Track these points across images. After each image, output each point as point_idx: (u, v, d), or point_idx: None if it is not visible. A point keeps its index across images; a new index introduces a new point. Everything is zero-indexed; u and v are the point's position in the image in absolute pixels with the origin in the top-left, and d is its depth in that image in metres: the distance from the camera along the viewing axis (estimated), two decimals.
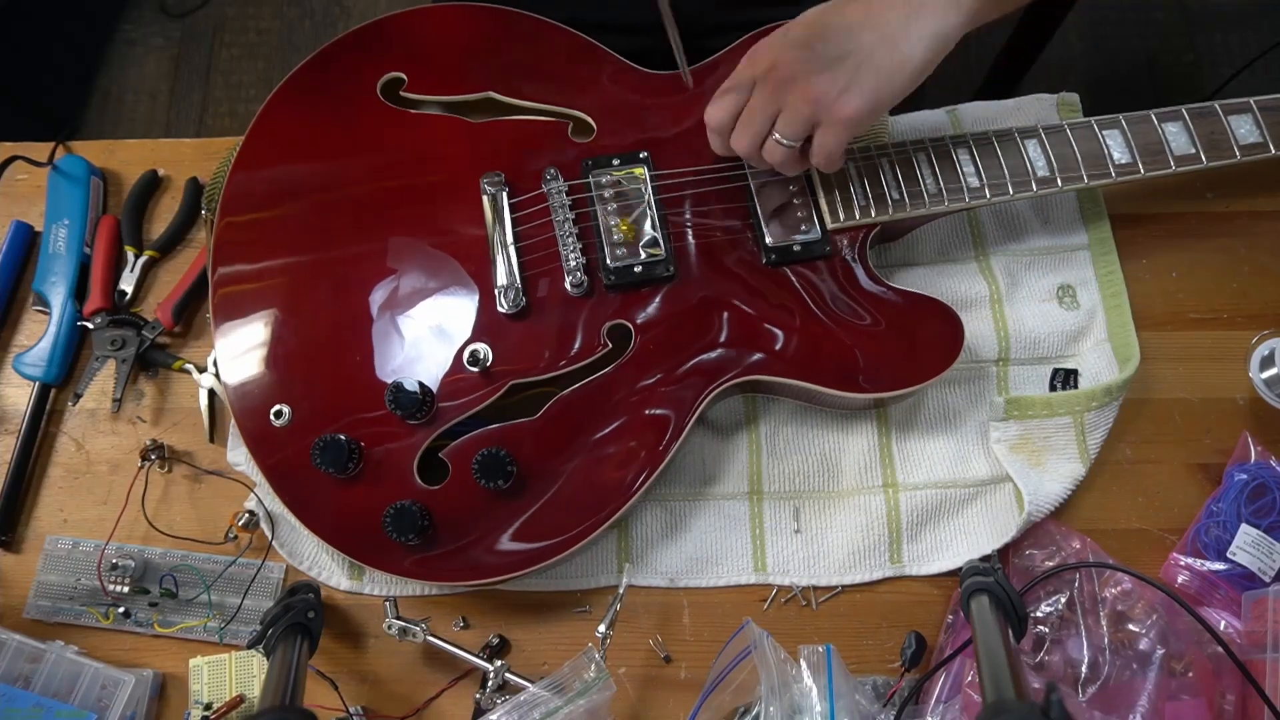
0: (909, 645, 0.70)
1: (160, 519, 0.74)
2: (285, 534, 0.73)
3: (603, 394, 0.70)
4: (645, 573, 0.73)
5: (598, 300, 0.72)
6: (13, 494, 0.75)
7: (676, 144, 0.76)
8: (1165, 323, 0.80)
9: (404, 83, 0.78)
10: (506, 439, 0.68)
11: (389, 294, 0.72)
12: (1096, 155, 0.75)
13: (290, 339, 0.71)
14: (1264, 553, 0.70)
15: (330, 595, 0.73)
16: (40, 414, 0.77)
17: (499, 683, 0.67)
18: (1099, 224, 0.82)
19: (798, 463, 0.75)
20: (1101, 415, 0.74)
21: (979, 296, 0.79)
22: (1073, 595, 0.69)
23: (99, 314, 0.79)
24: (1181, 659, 0.67)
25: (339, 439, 0.67)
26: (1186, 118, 0.76)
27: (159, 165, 0.86)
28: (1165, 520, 0.74)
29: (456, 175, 0.75)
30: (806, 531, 0.74)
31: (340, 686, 0.68)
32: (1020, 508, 0.71)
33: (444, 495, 0.68)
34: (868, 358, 0.70)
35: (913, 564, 0.73)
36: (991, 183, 0.74)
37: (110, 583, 0.72)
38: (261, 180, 0.76)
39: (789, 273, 0.72)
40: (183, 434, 0.77)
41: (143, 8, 1.97)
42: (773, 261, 0.72)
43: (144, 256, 0.82)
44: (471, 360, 0.70)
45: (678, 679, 0.71)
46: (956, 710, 0.65)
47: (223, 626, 0.71)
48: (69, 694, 0.68)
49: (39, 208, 0.83)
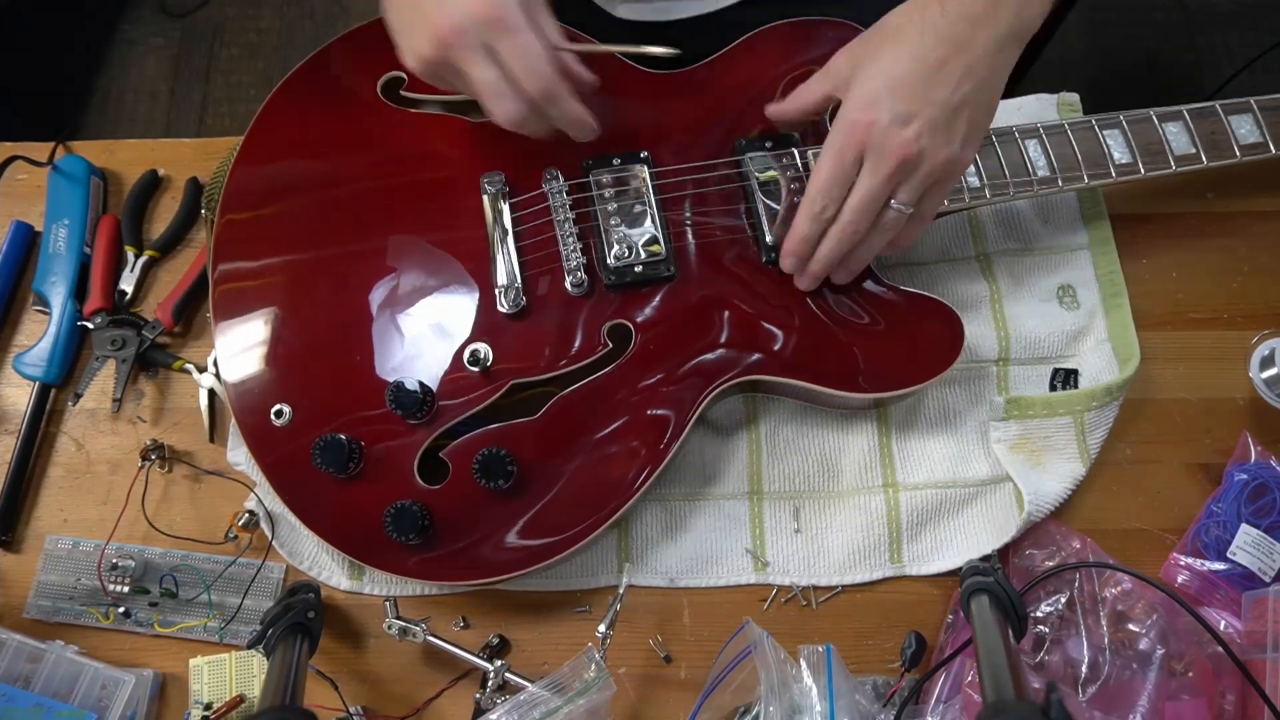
0: (909, 645, 0.70)
1: (160, 519, 0.74)
2: (285, 534, 0.73)
3: (603, 394, 0.70)
4: (645, 573, 0.73)
5: (598, 300, 0.72)
6: (13, 494, 0.75)
7: (677, 143, 0.76)
8: (1165, 323, 0.80)
9: (404, 82, 0.77)
10: (507, 439, 0.68)
11: (389, 293, 0.72)
12: (1097, 155, 0.75)
13: (290, 338, 0.71)
14: (1264, 553, 0.70)
15: (330, 595, 0.73)
16: (40, 414, 0.77)
17: (499, 683, 0.67)
18: (1099, 224, 0.82)
19: (798, 463, 0.75)
20: (1101, 415, 0.74)
21: (979, 296, 0.79)
22: (1073, 595, 0.69)
23: (99, 314, 0.79)
24: (1181, 659, 0.67)
25: (339, 438, 0.67)
26: (1187, 117, 0.76)
27: (159, 165, 0.86)
28: (1165, 520, 0.74)
29: (457, 175, 0.75)
30: (806, 531, 0.74)
31: (340, 686, 0.68)
32: (1020, 508, 0.71)
33: (444, 495, 0.68)
34: (868, 358, 0.70)
35: (913, 564, 0.73)
36: (992, 183, 0.74)
37: (110, 583, 0.72)
38: (262, 179, 0.76)
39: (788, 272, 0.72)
40: (183, 434, 0.77)
41: (143, 8, 1.97)
42: (773, 261, 0.72)
43: (144, 256, 0.82)
44: (472, 360, 0.70)
45: (678, 679, 0.71)
46: (956, 710, 0.65)
47: (223, 626, 0.71)
48: (69, 694, 0.68)
49: (39, 208, 0.83)
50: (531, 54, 0.62)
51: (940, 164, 0.63)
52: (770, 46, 0.78)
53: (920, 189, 0.64)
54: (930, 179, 0.64)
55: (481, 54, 0.62)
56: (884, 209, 0.65)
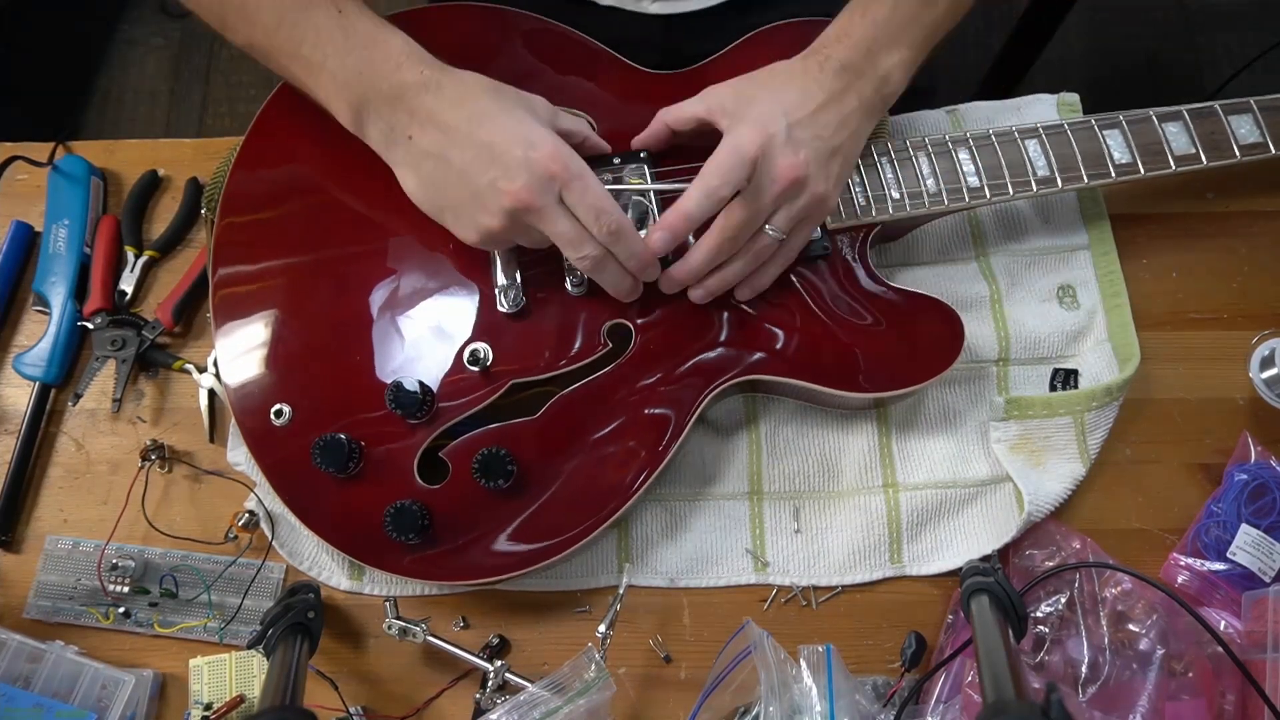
0: (909, 645, 0.70)
1: (160, 519, 0.74)
2: (285, 534, 0.73)
3: (603, 393, 0.70)
4: (645, 573, 0.73)
5: (598, 300, 0.72)
6: (13, 494, 0.75)
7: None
8: (1165, 323, 0.80)
9: None
10: (507, 438, 0.68)
11: (389, 293, 0.72)
12: (1096, 155, 0.75)
13: (291, 338, 0.71)
14: (1264, 553, 0.70)
15: (330, 595, 0.73)
16: (40, 414, 0.77)
17: (499, 683, 0.67)
18: (1099, 224, 0.82)
19: (798, 463, 0.75)
20: (1101, 415, 0.74)
21: (979, 296, 0.79)
22: (1073, 595, 0.69)
23: (99, 314, 0.79)
24: (1181, 659, 0.67)
25: (339, 438, 0.67)
26: (1186, 118, 0.76)
27: (159, 165, 0.86)
28: (1165, 520, 0.74)
29: None
30: (806, 531, 0.74)
31: (340, 686, 0.68)
32: (1020, 508, 0.71)
33: (444, 494, 0.68)
34: (868, 357, 0.70)
35: (913, 564, 0.73)
36: (991, 182, 0.74)
37: (110, 583, 0.72)
38: (262, 180, 0.76)
39: (789, 272, 0.72)
40: (183, 434, 0.77)
41: (143, 8, 1.97)
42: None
43: (144, 256, 0.82)
44: (472, 360, 0.70)
45: (678, 679, 0.71)
46: (956, 710, 0.65)
47: (223, 626, 0.71)
48: (69, 694, 0.68)
49: (39, 208, 0.82)
50: (598, 194, 0.63)
51: (818, 196, 0.67)
52: (770, 47, 0.77)
53: (795, 219, 0.67)
54: (806, 211, 0.67)
55: (557, 209, 0.63)
56: (757, 233, 0.67)
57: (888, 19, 0.69)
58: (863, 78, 0.69)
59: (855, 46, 0.69)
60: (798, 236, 0.69)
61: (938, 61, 0.77)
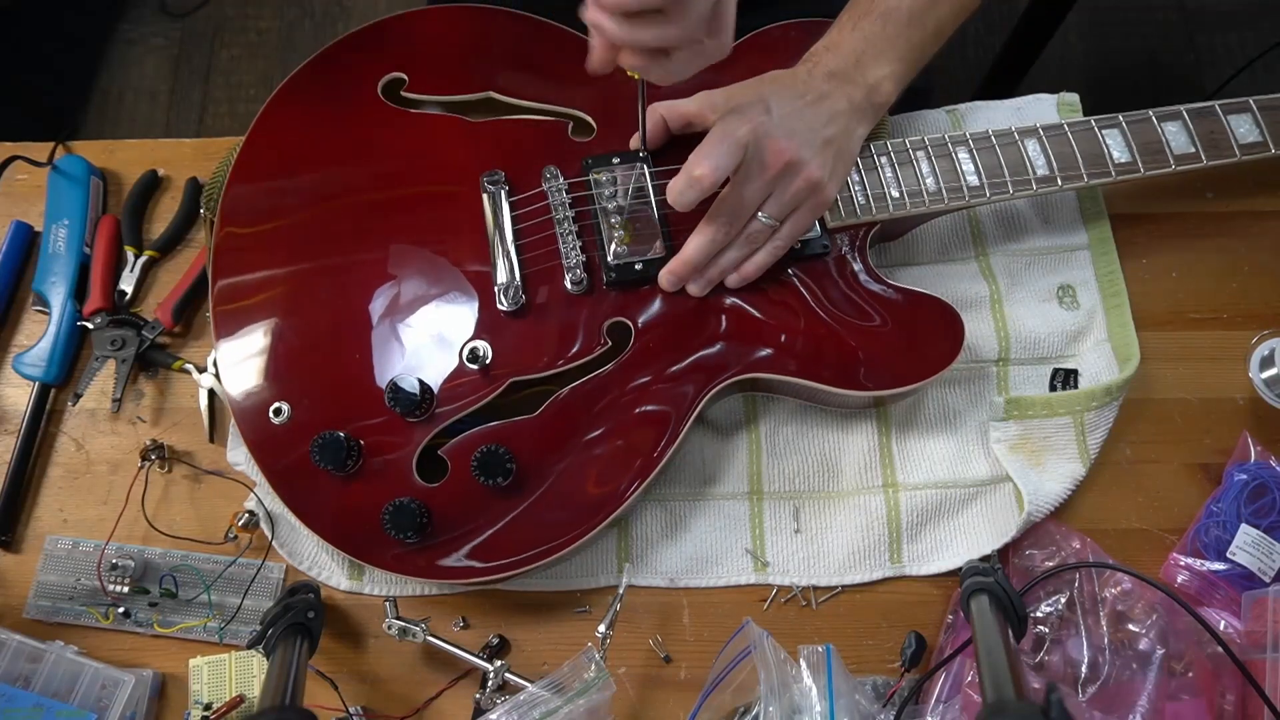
0: (909, 645, 0.70)
1: (160, 519, 0.74)
2: (285, 534, 0.73)
3: (603, 392, 0.70)
4: (645, 573, 0.73)
5: (598, 298, 0.72)
6: (13, 494, 0.75)
7: (675, 142, 0.75)
8: (1165, 323, 0.80)
9: (405, 83, 0.78)
10: (506, 436, 0.68)
11: (389, 291, 0.72)
12: (1096, 155, 0.75)
13: (290, 337, 0.71)
14: (1264, 553, 0.70)
15: (330, 595, 0.73)
16: (40, 414, 0.77)
17: (499, 683, 0.67)
18: (1099, 224, 0.82)
19: (798, 463, 0.75)
20: (1101, 415, 0.74)
21: (979, 296, 0.79)
22: (1073, 595, 0.69)
23: (99, 314, 0.79)
24: (1181, 659, 0.67)
25: (338, 436, 0.67)
26: (1186, 117, 0.76)
27: (159, 165, 0.86)
28: (1165, 520, 0.74)
29: (457, 174, 0.75)
30: (806, 531, 0.74)
31: (340, 686, 0.68)
32: (1020, 508, 0.71)
33: (443, 493, 0.68)
34: (868, 355, 0.70)
35: (913, 564, 0.73)
36: (991, 182, 0.74)
37: (110, 583, 0.72)
38: (263, 175, 0.76)
39: (789, 270, 0.72)
40: (183, 434, 0.77)
41: (143, 8, 1.97)
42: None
43: (144, 256, 0.82)
44: (471, 358, 0.70)
45: (678, 679, 0.71)
46: (956, 710, 0.65)
47: (223, 626, 0.71)
48: (69, 694, 0.68)
49: (39, 208, 0.83)
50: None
51: (813, 181, 0.67)
52: (771, 47, 0.78)
53: (789, 206, 0.68)
54: (800, 197, 0.68)
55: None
56: (750, 219, 0.68)
57: (877, 33, 0.71)
58: (851, 83, 0.70)
59: (844, 57, 0.70)
60: (791, 225, 0.69)
61: (938, 61, 0.77)
